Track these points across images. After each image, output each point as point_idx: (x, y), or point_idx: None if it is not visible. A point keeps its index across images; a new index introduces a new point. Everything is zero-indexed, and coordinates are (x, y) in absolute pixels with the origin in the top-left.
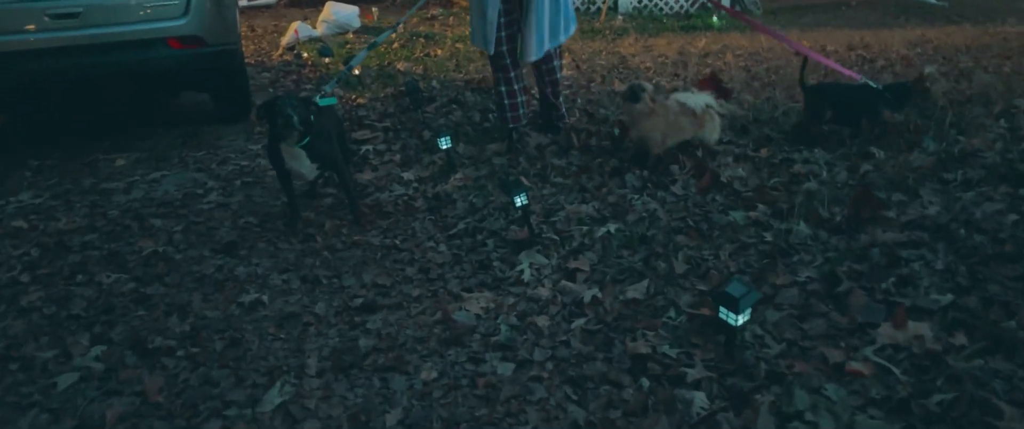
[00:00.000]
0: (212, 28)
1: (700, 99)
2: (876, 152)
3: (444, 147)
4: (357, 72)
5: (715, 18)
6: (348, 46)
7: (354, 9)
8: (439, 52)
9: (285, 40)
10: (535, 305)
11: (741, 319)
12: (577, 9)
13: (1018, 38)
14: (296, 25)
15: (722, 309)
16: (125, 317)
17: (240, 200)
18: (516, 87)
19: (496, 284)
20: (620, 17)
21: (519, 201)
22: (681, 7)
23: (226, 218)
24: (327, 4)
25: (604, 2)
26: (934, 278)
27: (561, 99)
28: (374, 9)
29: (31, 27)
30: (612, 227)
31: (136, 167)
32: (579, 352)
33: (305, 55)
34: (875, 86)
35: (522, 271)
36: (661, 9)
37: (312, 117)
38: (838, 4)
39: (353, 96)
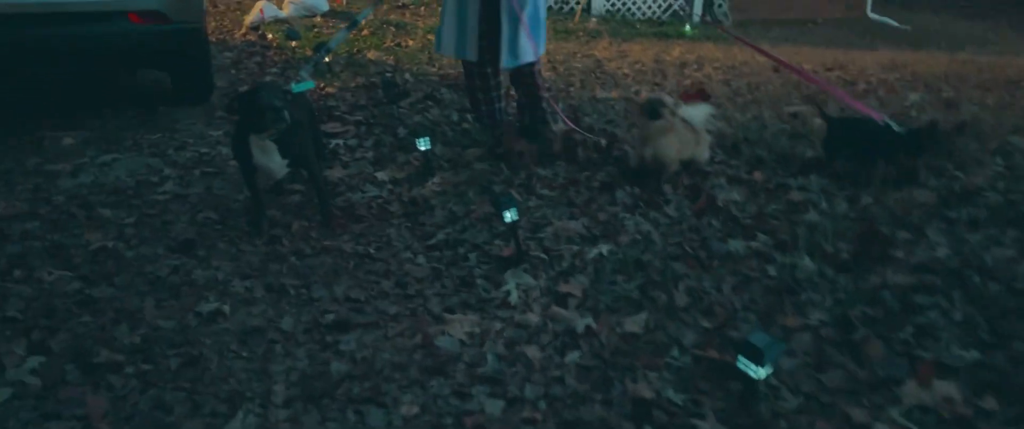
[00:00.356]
0: (176, 3)
1: (701, 112)
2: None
3: (422, 148)
4: (327, 58)
5: (688, 27)
6: (315, 30)
7: None
8: (411, 42)
9: (249, 19)
10: (524, 333)
11: (763, 372)
12: (551, 8)
13: (992, 69)
14: (261, 4)
15: (742, 359)
16: (68, 323)
17: (199, 192)
18: (496, 94)
19: (480, 305)
20: (594, 19)
21: (508, 216)
22: (653, 13)
23: (183, 212)
24: None
25: (579, 3)
26: (954, 330)
27: (545, 102)
28: None
29: None
30: (604, 248)
31: (85, 148)
32: (575, 391)
33: (270, 36)
34: (898, 129)
35: (508, 292)
36: (634, 13)
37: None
38: (804, 21)
39: (321, 84)
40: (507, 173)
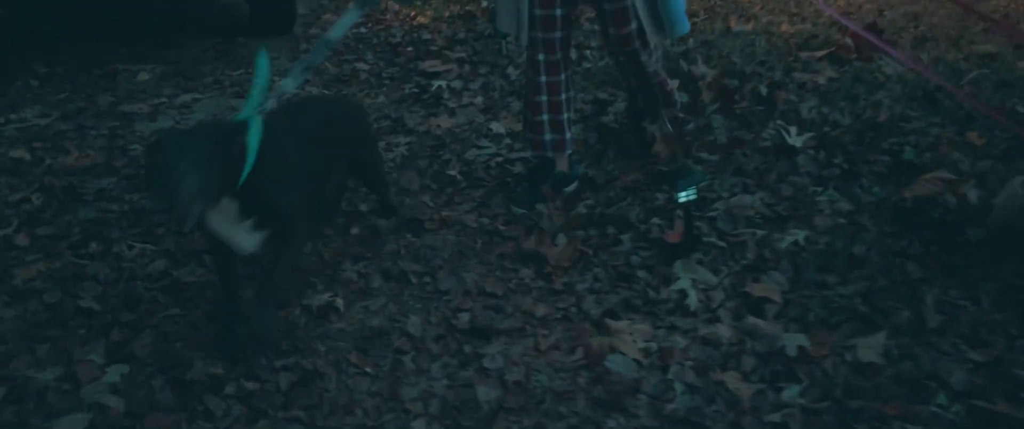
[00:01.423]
0: None
1: None
2: None
3: None
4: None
5: None
6: None
7: None
8: None
9: None
10: (716, 353)
11: None
12: None
13: None
14: None
15: None
16: (153, 316)
17: None
18: (564, 97)
19: (649, 309)
20: None
21: (684, 197)
22: None
23: None
24: None
25: None
26: None
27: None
28: None
29: None
30: (799, 235)
31: (161, 84)
32: None
33: None
34: None
35: (684, 293)
36: None
37: (248, 154)
38: None
39: (412, 13)
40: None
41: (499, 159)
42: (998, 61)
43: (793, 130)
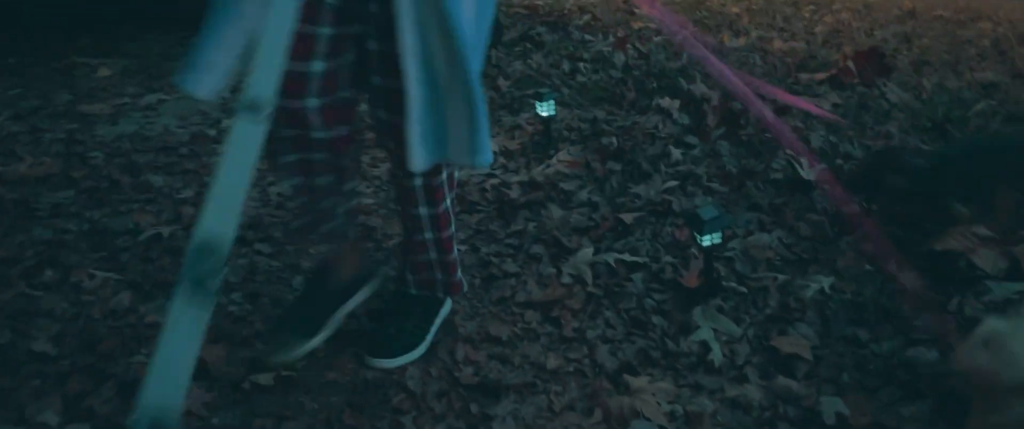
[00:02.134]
0: None
1: None
2: None
3: (545, 114)
4: None
5: None
6: None
7: None
8: None
9: None
10: (747, 418)
11: None
12: None
13: None
14: None
15: None
16: (116, 364)
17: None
18: (334, 200)
19: (669, 362)
20: None
21: (709, 240)
22: None
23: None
24: None
25: None
26: None
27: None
28: None
29: None
30: (825, 282)
31: (124, 82)
32: None
33: None
34: None
35: (706, 345)
36: None
37: None
38: None
39: None
40: (651, 150)
41: (494, 181)
42: (1000, 90)
43: (804, 161)
